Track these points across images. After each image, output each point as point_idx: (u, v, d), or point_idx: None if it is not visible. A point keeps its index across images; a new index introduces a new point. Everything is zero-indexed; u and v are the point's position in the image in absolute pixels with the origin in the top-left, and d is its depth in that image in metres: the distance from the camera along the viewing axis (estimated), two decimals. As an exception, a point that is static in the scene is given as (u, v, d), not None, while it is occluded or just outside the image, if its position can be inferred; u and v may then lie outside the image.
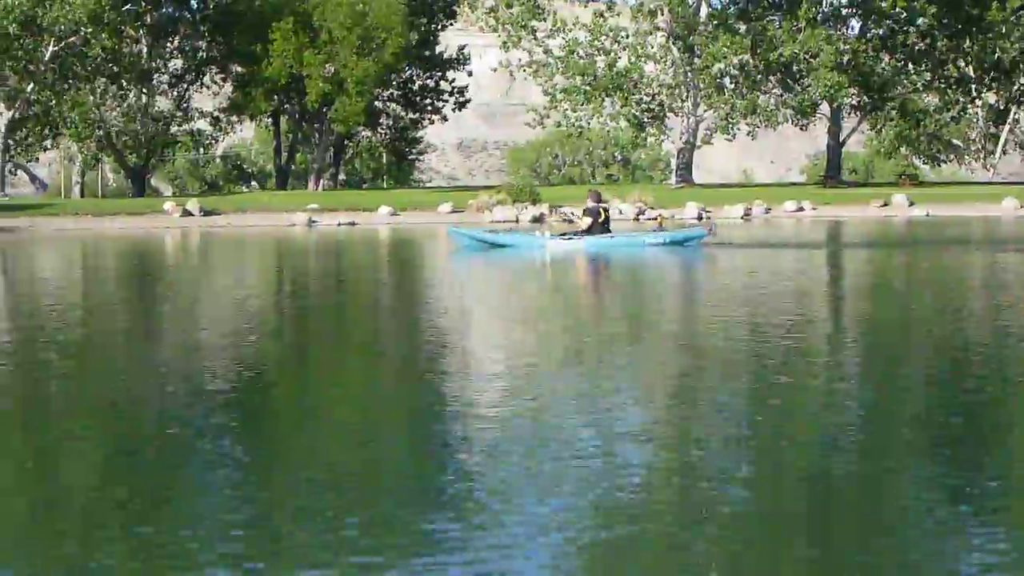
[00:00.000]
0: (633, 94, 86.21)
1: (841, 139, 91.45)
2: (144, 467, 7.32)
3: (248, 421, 8.58)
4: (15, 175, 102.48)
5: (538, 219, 66.56)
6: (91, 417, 9.09)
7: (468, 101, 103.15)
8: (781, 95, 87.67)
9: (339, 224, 64.33)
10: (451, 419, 8.67)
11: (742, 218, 68.58)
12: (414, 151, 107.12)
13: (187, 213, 70.39)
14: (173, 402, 9.60)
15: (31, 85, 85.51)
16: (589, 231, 34.32)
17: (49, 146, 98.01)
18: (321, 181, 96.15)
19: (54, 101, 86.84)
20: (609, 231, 35.18)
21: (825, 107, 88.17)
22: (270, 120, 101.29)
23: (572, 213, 39.40)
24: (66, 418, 9.01)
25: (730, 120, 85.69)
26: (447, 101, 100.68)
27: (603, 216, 34.89)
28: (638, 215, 68.75)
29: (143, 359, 12.48)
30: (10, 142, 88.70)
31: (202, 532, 5.88)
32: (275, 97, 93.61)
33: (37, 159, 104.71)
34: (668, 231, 45.54)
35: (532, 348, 13.07)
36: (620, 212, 69.51)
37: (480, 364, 11.43)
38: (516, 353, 12.43)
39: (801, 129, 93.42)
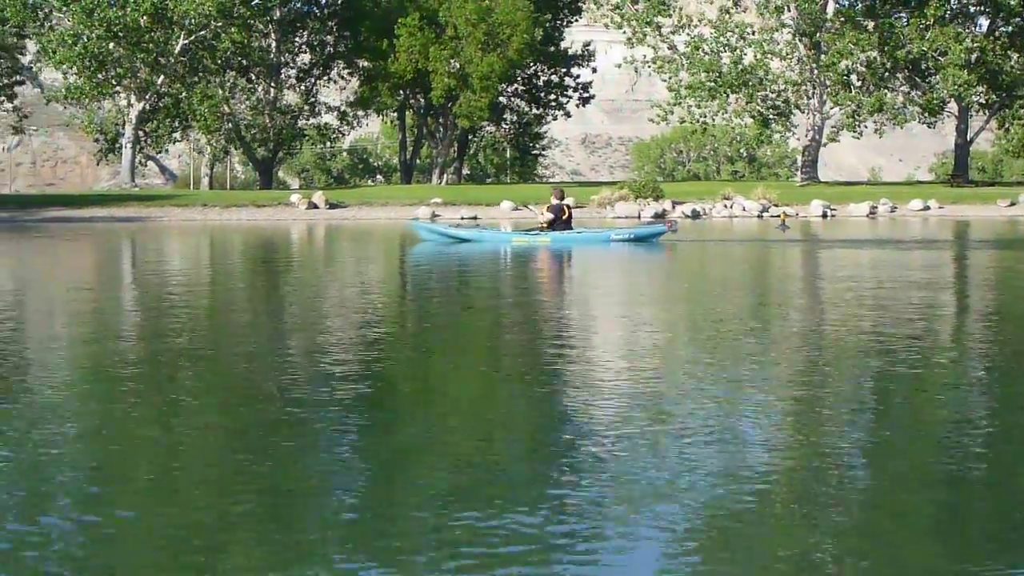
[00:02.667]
0: (759, 90, 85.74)
1: (969, 138, 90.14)
2: (261, 456, 7.42)
3: (368, 411, 8.68)
4: (145, 166, 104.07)
5: (659, 215, 66.41)
6: (212, 400, 9.27)
7: (592, 97, 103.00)
8: (908, 93, 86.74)
9: (461, 218, 64.58)
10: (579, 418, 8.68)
11: (868, 216, 67.91)
12: (537, 146, 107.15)
13: (312, 206, 71.03)
14: (293, 389, 9.74)
15: (161, 78, 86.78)
16: (552, 227, 35.02)
17: (178, 138, 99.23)
18: (445, 175, 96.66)
19: (184, 94, 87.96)
20: (571, 228, 35.75)
21: (953, 105, 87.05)
22: (395, 115, 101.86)
23: (532, 208, 39.75)
24: (190, 401, 9.19)
25: (856, 117, 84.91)
26: (571, 97, 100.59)
27: (566, 213, 35.60)
28: (762, 212, 68.28)
29: (265, 345, 12.67)
30: (140, 134, 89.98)
31: (319, 530, 5.98)
32: (401, 92, 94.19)
33: (167, 151, 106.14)
34: (789, 228, 45.46)
35: (680, 342, 13.02)
36: (744, 209, 69.23)
37: (621, 366, 11.43)
38: (657, 346, 12.38)
39: (929, 127, 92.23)
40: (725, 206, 70.20)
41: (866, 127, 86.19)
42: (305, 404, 8.88)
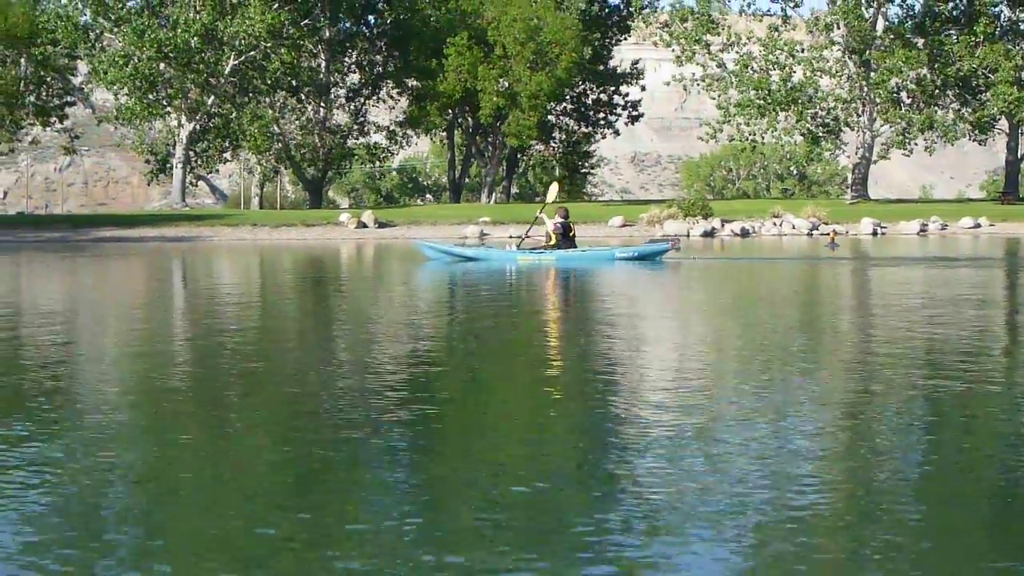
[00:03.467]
0: (808, 108, 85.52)
1: (1020, 154, 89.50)
2: (314, 469, 7.40)
3: (418, 431, 8.61)
4: (196, 186, 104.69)
5: (708, 233, 66.25)
6: (261, 419, 9.24)
7: (641, 115, 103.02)
8: (958, 110, 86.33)
9: (510, 236, 64.56)
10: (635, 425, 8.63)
11: (918, 234, 67.53)
12: (586, 165, 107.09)
13: (362, 225, 71.25)
14: (345, 403, 9.71)
15: (211, 98, 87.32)
16: (557, 245, 35.31)
17: (229, 158, 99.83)
18: (494, 194, 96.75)
19: (234, 114, 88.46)
20: (575, 246, 36.02)
21: (1004, 122, 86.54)
22: (444, 134, 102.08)
23: (541, 215, 39.93)
24: (239, 420, 9.15)
25: (907, 135, 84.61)
26: (620, 115, 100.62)
27: (571, 232, 35.98)
28: (811, 230, 67.99)
29: (315, 364, 12.65)
30: (191, 154, 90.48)
31: (367, 552, 5.92)
32: (449, 111, 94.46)
33: (217, 171, 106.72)
34: (839, 246, 45.26)
35: (735, 358, 12.94)
36: (793, 227, 68.94)
37: (671, 382, 11.35)
38: (717, 361, 12.32)
39: (980, 144, 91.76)
40: (774, 224, 69.97)
41: (916, 144, 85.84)
42: (354, 424, 8.81)
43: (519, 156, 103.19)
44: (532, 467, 7.40)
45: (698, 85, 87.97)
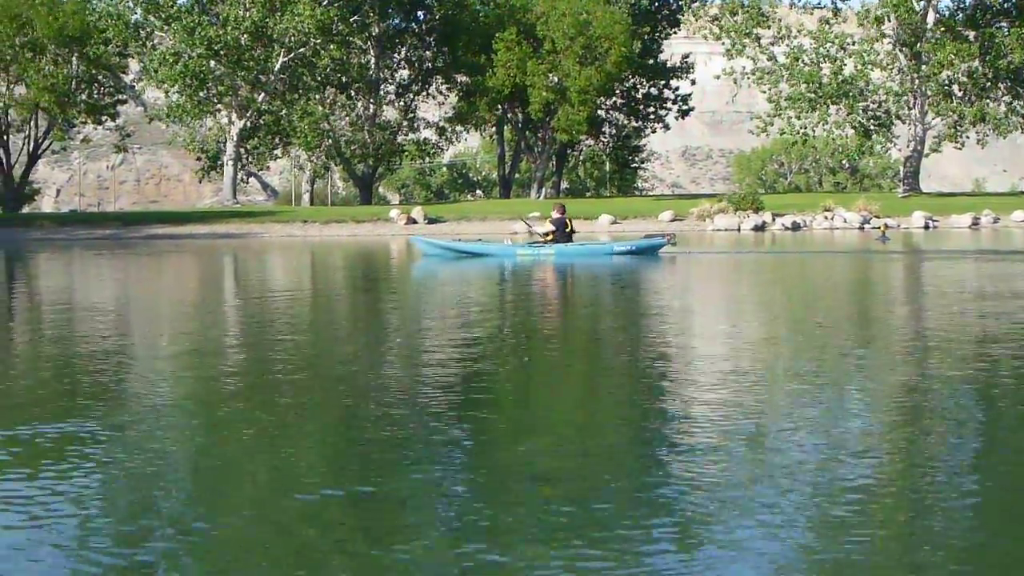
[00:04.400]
0: (859, 101, 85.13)
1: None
2: (366, 465, 7.45)
3: (470, 429, 8.64)
4: (247, 183, 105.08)
5: (759, 227, 66.12)
6: (318, 409, 9.32)
7: (691, 109, 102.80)
8: (1011, 103, 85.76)
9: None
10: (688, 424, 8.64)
11: (970, 227, 67.14)
12: (637, 159, 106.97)
13: (411, 221, 71.44)
14: (396, 399, 9.77)
15: (262, 95, 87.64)
16: (556, 240, 35.85)
17: (279, 155, 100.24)
18: (543, 189, 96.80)
19: (284, 111, 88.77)
20: (572, 241, 36.58)
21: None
22: (494, 129, 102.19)
23: (530, 224, 40.26)
24: (292, 417, 9.22)
25: (958, 128, 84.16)
26: (670, 109, 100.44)
27: (569, 227, 36.51)
28: (863, 224, 67.70)
29: (367, 360, 12.71)
30: (242, 151, 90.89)
31: (420, 549, 5.96)
32: (499, 107, 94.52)
33: (268, 168, 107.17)
34: (890, 239, 45.09)
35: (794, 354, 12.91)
36: (845, 220, 68.66)
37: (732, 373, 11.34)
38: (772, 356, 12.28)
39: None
40: (826, 218, 69.73)
41: (968, 138, 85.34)
42: (407, 421, 8.86)
43: (569, 151, 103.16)
44: (584, 466, 7.41)
45: (748, 79, 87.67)
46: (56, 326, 17.04)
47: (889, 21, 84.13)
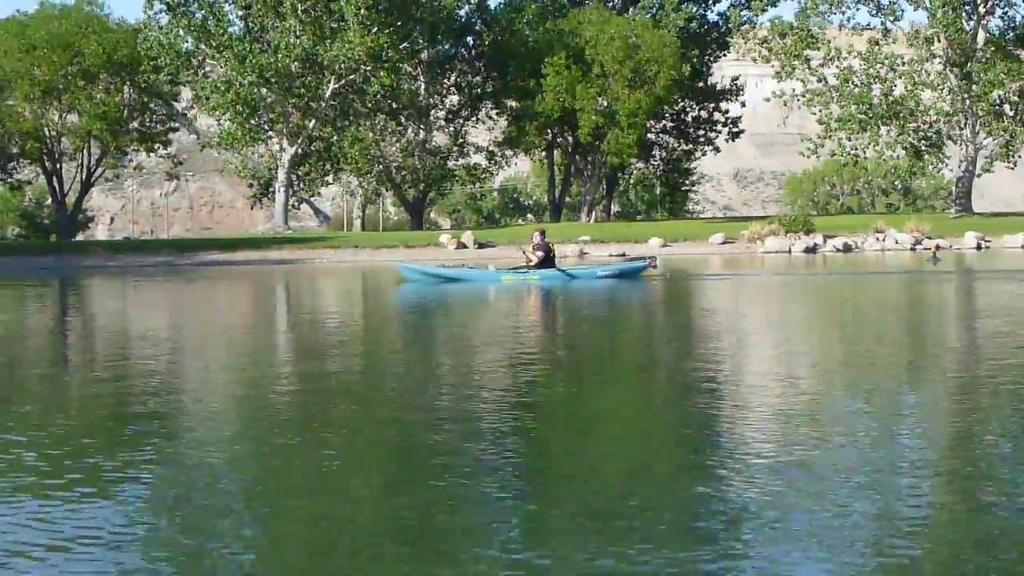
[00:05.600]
0: (910, 122, 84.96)
1: None
2: (417, 484, 7.61)
3: (521, 446, 8.82)
4: (298, 209, 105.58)
5: (811, 249, 66.12)
6: (372, 430, 9.52)
7: (742, 131, 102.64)
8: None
9: (610, 255, 64.92)
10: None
11: (1023, 247, 66.86)
12: (687, 182, 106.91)
13: (462, 246, 71.77)
14: (449, 414, 9.99)
15: (312, 122, 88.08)
16: (540, 265, 36.67)
17: (330, 181, 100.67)
18: (594, 213, 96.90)
19: (335, 137, 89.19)
20: (555, 266, 37.25)
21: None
22: (544, 153, 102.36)
23: (524, 250, 40.81)
24: (349, 434, 9.42)
25: (1010, 148, 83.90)
26: (720, 132, 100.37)
27: (551, 252, 37.39)
28: (914, 245, 67.59)
29: (417, 373, 12.94)
30: (293, 177, 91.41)
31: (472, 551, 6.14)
32: (548, 131, 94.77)
33: (320, 194, 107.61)
34: (941, 260, 45.08)
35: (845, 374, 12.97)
36: (896, 241, 68.57)
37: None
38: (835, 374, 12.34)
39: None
40: (877, 239, 69.67)
41: (1020, 157, 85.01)
42: (459, 439, 9.06)
43: (619, 174, 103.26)
44: (636, 480, 7.62)
45: (799, 100, 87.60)
46: (109, 355, 17.34)
47: (939, 41, 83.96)
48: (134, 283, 45.30)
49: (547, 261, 36.84)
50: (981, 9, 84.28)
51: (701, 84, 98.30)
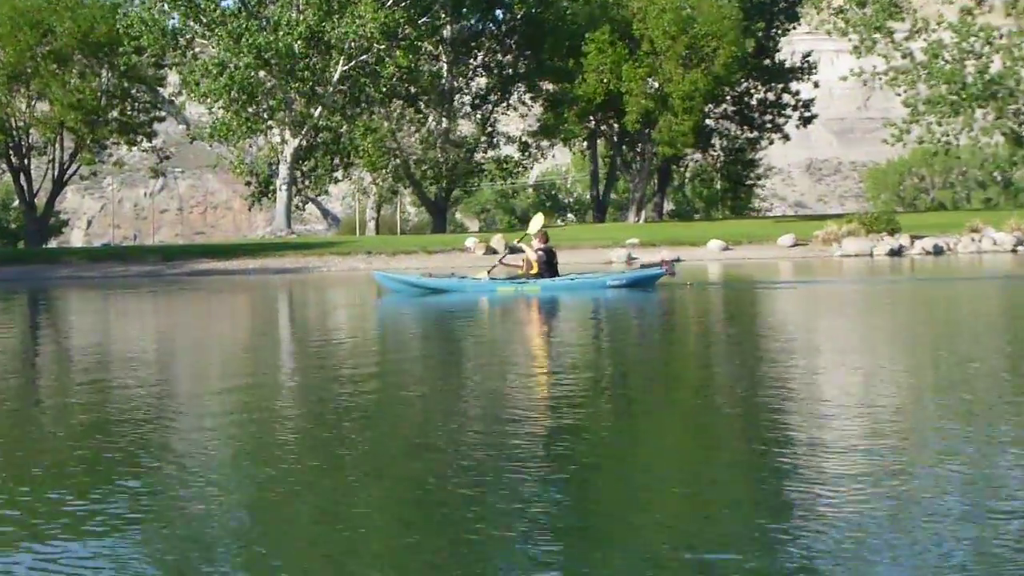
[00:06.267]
0: (1009, 104, 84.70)
1: None
2: (444, 504, 7.75)
3: (560, 468, 8.94)
4: (304, 210, 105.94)
5: (896, 252, 65.92)
6: (389, 454, 9.64)
7: (815, 116, 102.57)
8: None
9: (662, 260, 64.78)
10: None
11: None
12: (752, 175, 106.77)
13: (491, 250, 71.61)
14: (478, 434, 10.12)
15: (319, 109, 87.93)
16: (539, 275, 36.19)
17: (340, 178, 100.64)
18: (643, 212, 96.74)
19: (344, 127, 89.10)
20: (557, 273, 36.86)
21: None
22: (585, 144, 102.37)
23: (523, 246, 40.27)
24: (365, 455, 9.58)
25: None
26: (790, 117, 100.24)
27: (554, 259, 37.05)
28: (1016, 246, 67.33)
29: (441, 389, 13.07)
30: (297, 174, 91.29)
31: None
32: (590, 118, 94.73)
33: (328, 192, 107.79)
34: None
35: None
36: (995, 242, 68.31)
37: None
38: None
39: None
40: (972, 239, 69.39)
41: None
42: (481, 455, 9.19)
43: (672, 167, 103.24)
44: (697, 505, 7.73)
45: (880, 80, 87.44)
46: (87, 380, 17.44)
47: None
48: (107, 295, 45.42)
49: (549, 269, 36.52)
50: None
51: (767, 62, 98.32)
